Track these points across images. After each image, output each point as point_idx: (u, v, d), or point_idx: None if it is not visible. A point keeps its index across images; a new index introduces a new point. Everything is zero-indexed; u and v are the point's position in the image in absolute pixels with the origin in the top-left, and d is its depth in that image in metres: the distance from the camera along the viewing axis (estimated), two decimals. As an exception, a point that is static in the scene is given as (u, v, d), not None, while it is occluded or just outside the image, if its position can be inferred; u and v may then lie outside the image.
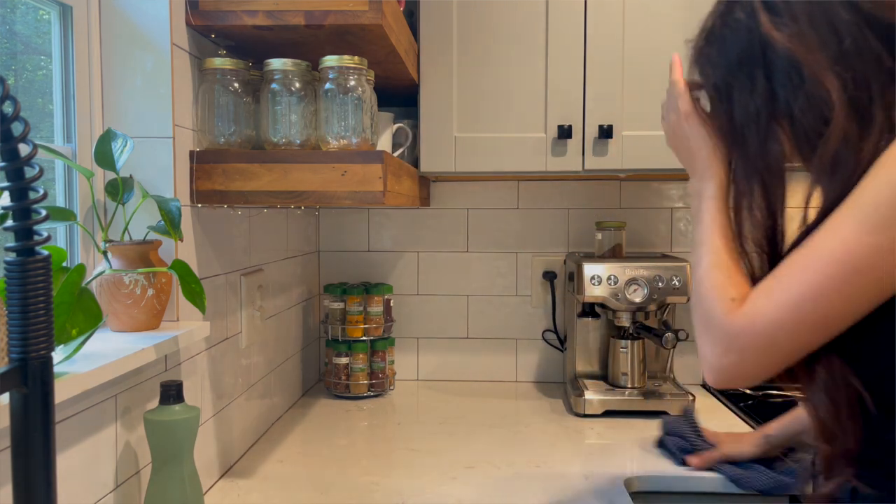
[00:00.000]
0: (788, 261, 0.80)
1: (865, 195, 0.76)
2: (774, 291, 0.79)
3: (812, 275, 0.77)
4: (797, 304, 0.77)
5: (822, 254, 0.77)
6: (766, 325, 0.79)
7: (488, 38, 1.62)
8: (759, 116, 0.88)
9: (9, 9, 1.02)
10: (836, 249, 0.76)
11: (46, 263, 0.55)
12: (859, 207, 0.76)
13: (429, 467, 1.36)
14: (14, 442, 0.56)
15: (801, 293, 0.77)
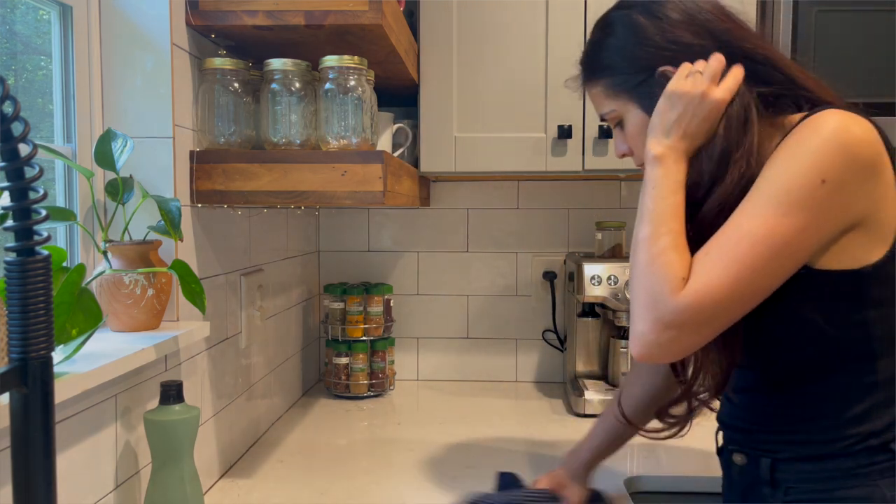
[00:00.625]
0: (717, 241, 0.85)
1: (777, 181, 0.83)
2: (714, 270, 0.83)
3: (744, 254, 0.82)
4: (736, 281, 0.83)
5: (748, 234, 0.83)
6: (710, 301, 0.83)
7: (488, 38, 1.62)
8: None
9: (9, 9, 1.02)
10: (759, 230, 0.83)
11: (46, 263, 0.55)
12: (774, 193, 0.83)
13: (429, 467, 1.36)
14: (14, 442, 0.55)
15: (738, 271, 0.83)
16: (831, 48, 1.52)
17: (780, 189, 0.83)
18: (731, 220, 0.85)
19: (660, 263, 0.86)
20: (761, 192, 0.85)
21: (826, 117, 0.85)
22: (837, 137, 0.83)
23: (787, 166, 0.84)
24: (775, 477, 0.95)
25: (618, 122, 1.01)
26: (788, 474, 0.94)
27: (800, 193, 0.82)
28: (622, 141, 1.02)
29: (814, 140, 0.84)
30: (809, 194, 0.82)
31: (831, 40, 1.52)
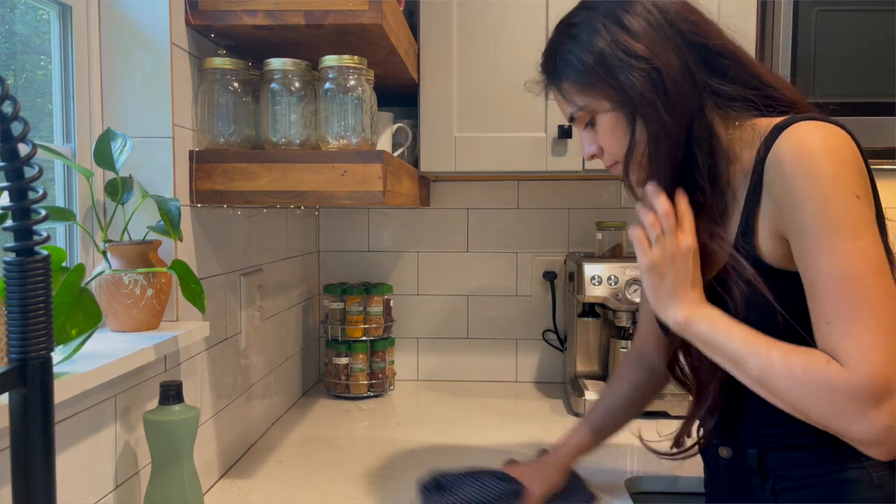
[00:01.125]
0: (827, 304, 0.83)
1: (823, 218, 0.83)
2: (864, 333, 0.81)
3: (863, 292, 0.81)
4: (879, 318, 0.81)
5: (848, 275, 0.82)
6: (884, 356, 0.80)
7: (488, 38, 1.62)
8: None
9: (8, 9, 1.02)
10: (852, 264, 0.82)
11: (46, 263, 0.55)
12: (830, 228, 0.83)
13: (428, 467, 1.35)
14: (14, 442, 0.55)
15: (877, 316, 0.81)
16: (831, 48, 1.52)
17: (833, 221, 0.83)
18: (813, 278, 0.84)
19: (800, 371, 0.83)
20: (817, 237, 0.84)
21: (809, 135, 0.86)
22: (838, 154, 0.85)
23: (821, 201, 0.83)
24: (764, 467, 0.97)
25: (587, 123, 1.01)
26: (776, 463, 0.95)
27: (850, 215, 0.83)
28: (590, 141, 1.01)
29: (821, 165, 0.84)
30: (857, 212, 0.83)
31: (831, 40, 1.52)
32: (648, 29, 0.94)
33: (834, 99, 1.52)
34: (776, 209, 0.88)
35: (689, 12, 0.96)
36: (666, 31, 0.94)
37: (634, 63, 0.93)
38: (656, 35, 0.93)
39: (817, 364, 0.82)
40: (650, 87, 0.93)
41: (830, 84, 1.52)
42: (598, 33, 0.97)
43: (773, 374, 0.84)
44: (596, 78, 0.97)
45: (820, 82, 1.52)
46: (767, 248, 0.90)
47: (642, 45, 0.93)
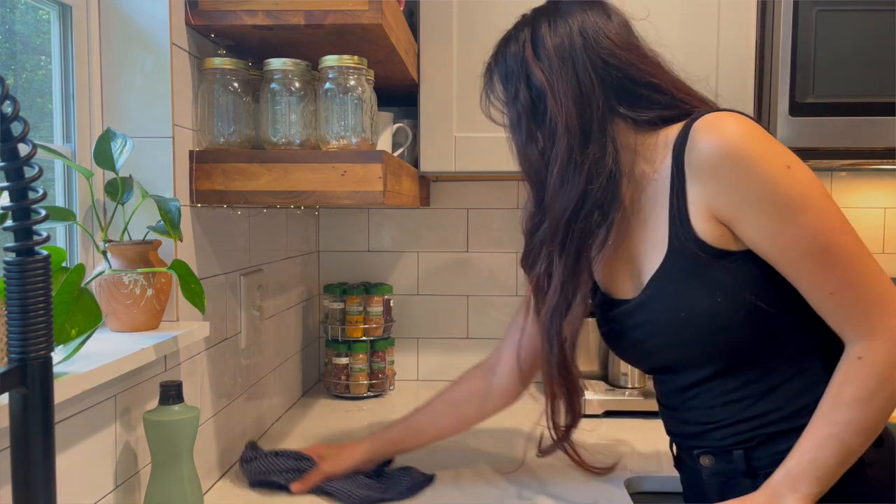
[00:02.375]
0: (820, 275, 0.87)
1: (768, 193, 0.87)
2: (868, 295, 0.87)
3: (853, 258, 0.86)
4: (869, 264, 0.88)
5: (822, 248, 0.86)
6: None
7: (488, 38, 1.62)
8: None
9: (8, 9, 1.02)
10: (820, 237, 0.86)
11: (46, 263, 0.55)
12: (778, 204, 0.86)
13: (428, 467, 1.36)
14: (14, 442, 0.55)
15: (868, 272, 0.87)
16: (831, 48, 1.52)
17: (780, 199, 0.87)
18: (788, 257, 0.88)
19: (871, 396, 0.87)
20: (772, 217, 0.87)
21: (722, 121, 0.89)
22: (755, 134, 0.89)
23: (760, 182, 0.87)
24: (752, 466, 0.96)
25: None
26: (764, 459, 0.95)
27: (792, 188, 0.87)
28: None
29: (745, 148, 0.87)
30: (796, 182, 0.87)
31: (831, 40, 1.52)
32: (555, 52, 0.98)
33: (834, 99, 1.53)
34: (709, 196, 0.90)
35: (613, 36, 0.98)
36: (575, 54, 0.97)
37: (523, 84, 1.00)
38: (560, 59, 0.97)
39: (856, 376, 0.87)
40: (531, 110, 0.99)
41: (830, 84, 1.52)
42: (511, 45, 1.03)
43: (858, 425, 0.87)
44: (500, 90, 1.04)
45: (820, 82, 1.52)
46: (703, 229, 0.92)
47: (539, 68, 0.98)
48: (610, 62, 0.96)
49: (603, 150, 0.95)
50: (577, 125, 0.95)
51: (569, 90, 0.96)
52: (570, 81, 0.96)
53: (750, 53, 1.57)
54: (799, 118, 1.52)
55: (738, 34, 1.57)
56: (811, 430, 0.89)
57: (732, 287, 0.91)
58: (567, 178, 0.96)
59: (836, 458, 0.87)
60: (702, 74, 1.53)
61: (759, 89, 1.59)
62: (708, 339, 0.95)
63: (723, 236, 0.91)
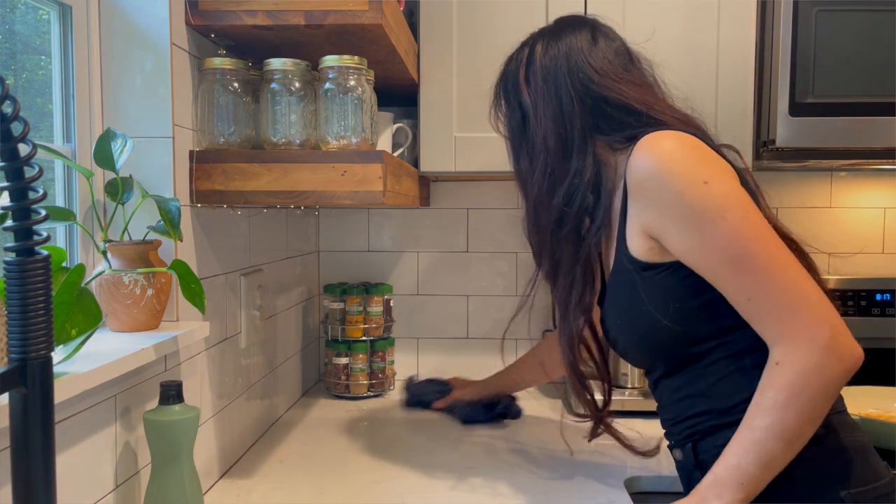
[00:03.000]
0: (737, 284, 0.91)
1: (684, 207, 0.92)
2: (782, 302, 0.90)
3: (768, 267, 0.90)
4: (785, 266, 0.91)
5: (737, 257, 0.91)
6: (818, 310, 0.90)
7: (489, 38, 1.62)
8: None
9: (8, 9, 1.02)
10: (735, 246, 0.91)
11: (46, 263, 0.55)
12: (693, 217, 0.92)
13: (428, 467, 1.36)
14: (14, 442, 0.55)
15: (785, 279, 0.90)
16: (831, 48, 1.51)
17: (695, 212, 0.92)
18: (710, 267, 0.93)
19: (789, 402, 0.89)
20: (689, 230, 0.92)
21: (651, 141, 0.96)
22: (676, 152, 0.95)
23: (675, 197, 0.92)
24: (699, 459, 1.02)
25: None
26: (708, 454, 0.99)
27: (706, 201, 0.91)
28: None
29: (665, 166, 0.93)
30: (711, 196, 0.91)
31: (831, 40, 1.52)
32: (542, 74, 1.08)
33: (834, 99, 1.53)
34: (639, 212, 0.98)
35: (595, 61, 1.06)
36: (558, 76, 1.06)
37: (515, 102, 1.13)
38: (545, 80, 1.07)
39: (775, 381, 0.89)
40: (520, 126, 1.11)
41: (830, 84, 1.52)
42: (511, 64, 1.16)
43: (778, 430, 0.89)
44: (503, 106, 1.17)
45: (820, 82, 1.52)
46: (634, 244, 1.00)
47: (527, 89, 1.10)
48: (589, 86, 1.05)
49: (583, 165, 1.04)
50: (557, 142, 1.05)
51: (548, 110, 1.06)
52: (551, 102, 1.06)
53: (750, 53, 1.57)
54: (799, 118, 1.52)
55: (738, 34, 1.57)
56: (737, 436, 0.92)
57: (658, 297, 0.98)
58: (549, 190, 1.07)
59: (759, 464, 0.89)
60: (702, 74, 1.54)
61: (759, 89, 1.59)
62: (644, 344, 1.04)
63: (651, 250, 0.98)
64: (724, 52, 1.57)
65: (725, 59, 1.57)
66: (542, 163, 1.07)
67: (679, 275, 0.97)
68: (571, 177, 1.05)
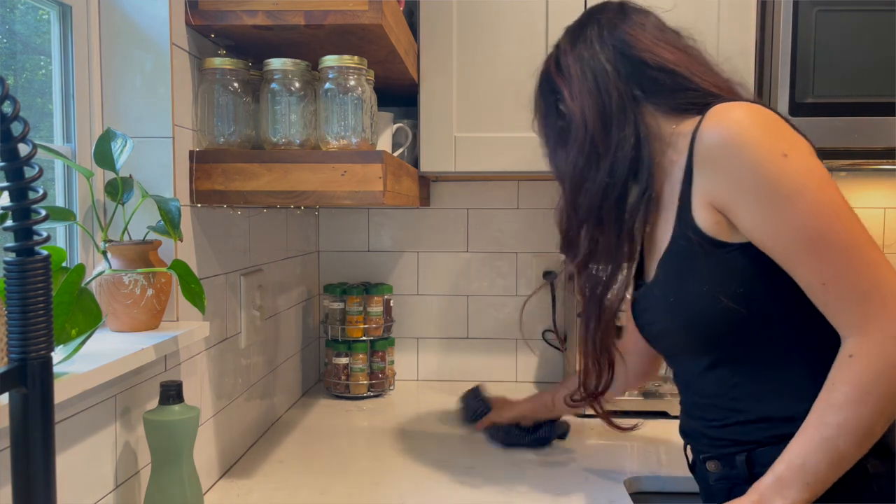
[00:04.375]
0: (813, 265, 0.85)
1: (761, 180, 0.86)
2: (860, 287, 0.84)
3: (847, 246, 0.84)
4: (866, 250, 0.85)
5: (816, 236, 0.84)
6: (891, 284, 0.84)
7: (488, 38, 1.62)
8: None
9: (8, 9, 1.02)
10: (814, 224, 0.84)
11: (46, 263, 0.55)
12: (770, 192, 0.86)
13: (428, 467, 1.36)
14: (14, 442, 0.55)
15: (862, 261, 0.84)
16: (831, 48, 1.52)
17: (772, 186, 0.86)
18: (784, 245, 0.86)
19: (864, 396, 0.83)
20: (765, 205, 0.86)
21: (726, 111, 0.90)
22: (755, 122, 0.88)
23: (752, 170, 0.86)
24: (754, 473, 0.93)
25: None
26: (766, 466, 0.91)
27: (784, 176, 0.85)
28: None
29: (741, 136, 0.87)
30: (790, 170, 0.85)
31: (831, 40, 1.52)
32: (573, 58, 1.05)
33: (834, 99, 1.53)
34: (708, 184, 0.91)
35: (631, 28, 1.03)
36: (593, 51, 1.03)
37: (548, 91, 1.10)
38: (578, 61, 1.04)
39: (848, 376, 0.83)
40: (556, 112, 1.08)
41: (830, 84, 1.52)
42: (544, 63, 1.13)
43: (851, 428, 0.83)
44: (539, 104, 1.15)
45: (820, 82, 1.52)
46: (701, 218, 0.93)
47: (560, 76, 1.06)
48: (625, 52, 1.00)
49: (625, 135, 0.99)
50: (596, 115, 1.00)
51: (584, 86, 1.01)
52: (586, 78, 1.01)
53: (750, 53, 1.57)
54: (799, 118, 1.51)
55: (738, 34, 1.57)
56: (802, 432, 0.86)
57: (722, 278, 0.91)
58: (590, 166, 1.01)
59: (828, 463, 0.83)
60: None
61: (759, 89, 1.59)
62: (695, 325, 0.96)
63: (718, 224, 0.91)
64: (723, 52, 1.57)
65: (725, 59, 1.57)
66: (580, 141, 1.01)
67: (749, 256, 0.90)
68: (614, 149, 0.99)
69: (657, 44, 1.01)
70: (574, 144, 1.03)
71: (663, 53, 1.00)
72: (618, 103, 0.99)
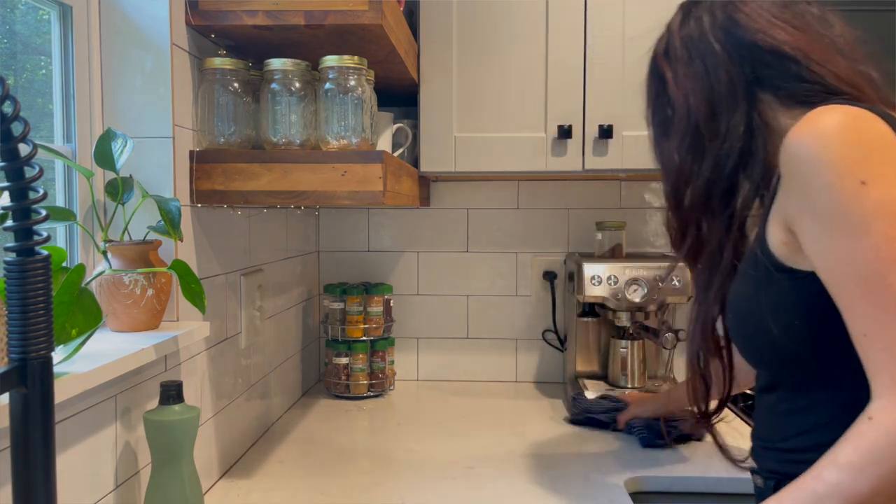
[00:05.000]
0: (856, 311, 0.76)
1: (828, 204, 0.77)
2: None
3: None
4: None
5: (868, 279, 0.75)
6: None
7: (488, 38, 1.62)
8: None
9: (9, 9, 1.02)
10: (868, 268, 0.75)
11: (46, 263, 0.55)
12: (834, 219, 0.76)
13: (428, 467, 1.36)
14: (14, 442, 0.56)
15: None
16: (831, 48, 1.51)
17: (838, 213, 0.77)
18: (834, 281, 0.78)
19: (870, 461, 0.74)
20: (825, 232, 0.78)
21: (820, 116, 0.80)
22: (846, 135, 0.78)
23: (822, 190, 0.77)
24: None
25: None
26: None
27: (855, 205, 0.76)
28: None
29: (824, 148, 0.78)
30: (863, 201, 0.75)
31: (831, 40, 1.51)
32: (681, 40, 0.96)
33: (834, 99, 1.53)
34: (784, 197, 0.83)
35: (747, 6, 0.92)
36: (703, 33, 0.93)
37: (655, 76, 1.00)
38: (685, 44, 0.95)
39: (859, 437, 0.75)
40: (660, 101, 0.99)
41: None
42: (661, 40, 1.02)
43: (847, 494, 0.74)
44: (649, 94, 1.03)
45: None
46: (773, 234, 0.85)
47: (666, 60, 0.97)
48: (735, 32, 0.91)
49: (735, 123, 0.90)
50: (702, 101, 0.92)
51: (690, 69, 0.93)
52: (693, 61, 0.93)
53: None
54: (799, 118, 1.51)
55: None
56: (798, 481, 0.79)
57: (779, 308, 0.85)
58: (694, 158, 0.93)
59: None
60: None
61: None
62: (748, 348, 0.93)
63: (787, 246, 0.84)
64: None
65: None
66: (683, 129, 0.93)
67: (811, 289, 0.81)
68: (722, 139, 0.90)
69: (773, 23, 0.90)
70: (677, 133, 0.95)
71: (779, 35, 0.89)
72: (727, 88, 0.90)
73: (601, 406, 1.59)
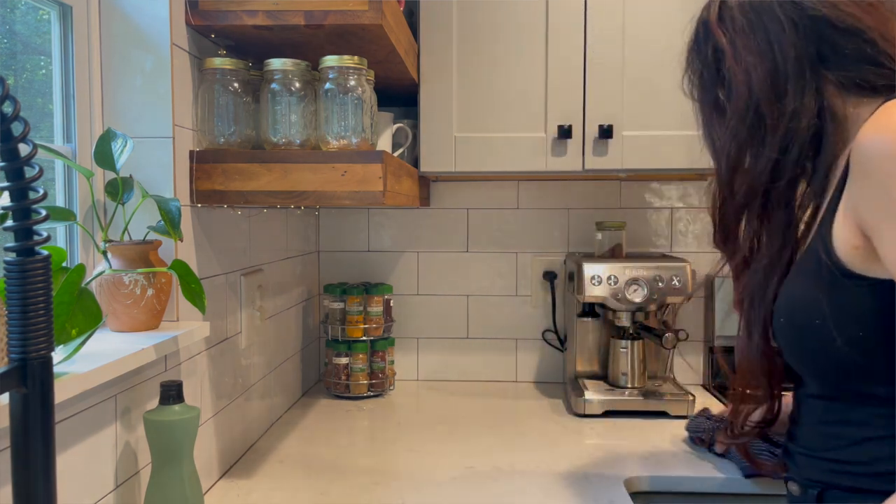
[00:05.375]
0: None
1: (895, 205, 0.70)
2: None
3: None
4: None
5: None
6: None
7: (488, 38, 1.62)
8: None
9: (9, 9, 1.02)
10: None
11: (46, 263, 0.55)
12: None
13: (429, 467, 1.36)
14: (14, 442, 0.55)
15: None
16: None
17: None
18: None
19: None
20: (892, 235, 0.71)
21: (885, 113, 0.74)
22: None
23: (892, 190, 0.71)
24: None
25: None
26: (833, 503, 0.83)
27: None
28: None
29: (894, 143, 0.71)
30: None
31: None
32: (738, 8, 0.87)
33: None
34: (857, 196, 0.76)
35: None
36: (762, 4, 0.85)
37: (708, 49, 0.90)
38: (743, 13, 0.87)
39: None
40: (712, 75, 0.90)
41: None
42: (702, 13, 0.93)
43: None
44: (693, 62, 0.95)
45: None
46: (840, 237, 0.78)
47: (722, 28, 0.88)
48: (804, 5, 0.83)
49: (801, 105, 0.82)
50: (765, 78, 0.83)
51: (752, 43, 0.84)
52: (755, 34, 0.85)
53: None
54: None
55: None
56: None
57: (842, 317, 0.78)
58: (754, 141, 0.85)
59: None
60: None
61: None
62: (799, 358, 0.87)
63: (857, 250, 0.77)
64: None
65: None
66: (742, 108, 0.85)
67: (881, 296, 0.75)
68: (787, 120, 0.82)
69: (853, 2, 0.82)
70: (735, 113, 0.86)
71: (850, 9, 0.81)
72: (794, 65, 0.82)
73: (704, 425, 1.42)
